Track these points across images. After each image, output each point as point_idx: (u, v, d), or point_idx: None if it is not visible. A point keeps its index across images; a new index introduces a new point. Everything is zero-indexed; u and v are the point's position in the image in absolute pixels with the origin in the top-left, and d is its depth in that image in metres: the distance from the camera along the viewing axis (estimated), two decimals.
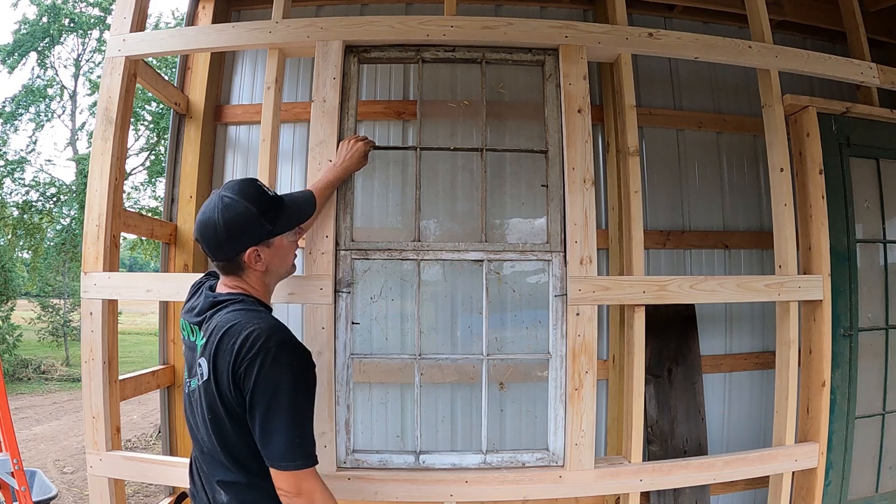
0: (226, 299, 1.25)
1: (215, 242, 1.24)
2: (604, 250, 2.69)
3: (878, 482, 2.23)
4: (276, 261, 1.32)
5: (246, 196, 1.26)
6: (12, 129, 11.69)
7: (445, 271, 2.59)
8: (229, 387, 1.14)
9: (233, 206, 1.24)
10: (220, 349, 1.15)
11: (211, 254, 1.27)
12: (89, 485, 1.87)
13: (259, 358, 1.12)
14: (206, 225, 1.24)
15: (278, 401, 1.12)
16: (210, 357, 1.17)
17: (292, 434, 1.12)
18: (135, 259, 20.59)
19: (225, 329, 1.17)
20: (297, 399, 1.14)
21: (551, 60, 1.93)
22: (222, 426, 1.18)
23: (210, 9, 2.74)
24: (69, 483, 4.90)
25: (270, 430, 1.12)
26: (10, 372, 10.14)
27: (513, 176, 2.65)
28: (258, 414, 1.12)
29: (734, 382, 2.78)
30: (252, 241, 1.26)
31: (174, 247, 2.66)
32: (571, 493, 1.80)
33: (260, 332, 1.14)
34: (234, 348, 1.14)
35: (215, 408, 1.17)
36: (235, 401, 1.15)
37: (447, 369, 2.58)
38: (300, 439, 1.14)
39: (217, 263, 1.29)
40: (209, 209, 1.25)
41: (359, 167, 1.79)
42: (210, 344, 1.18)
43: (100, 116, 1.92)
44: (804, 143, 2.07)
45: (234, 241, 1.24)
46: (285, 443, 1.12)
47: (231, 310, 1.21)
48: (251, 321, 1.17)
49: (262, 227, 1.27)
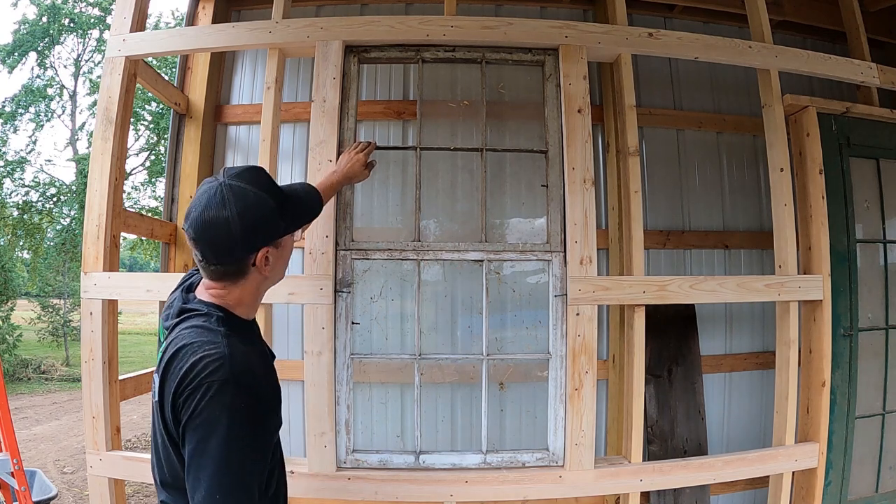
0: (193, 309, 1.07)
1: (226, 243, 1.02)
2: (604, 250, 2.69)
3: (878, 482, 2.23)
4: (280, 263, 1.14)
5: (259, 185, 1.06)
6: (12, 129, 11.69)
7: (445, 271, 2.59)
8: (171, 413, 0.99)
9: (249, 195, 1.03)
10: (168, 370, 1.01)
11: (213, 256, 1.03)
12: (89, 485, 1.88)
13: (199, 392, 0.95)
14: (213, 219, 1.00)
15: (207, 447, 0.94)
16: (160, 375, 1.03)
17: (214, 490, 0.93)
18: (135, 259, 20.58)
19: (176, 348, 1.01)
20: (230, 449, 0.94)
21: (551, 60, 1.93)
22: (167, 450, 1.04)
23: (210, 9, 2.74)
24: (69, 483, 4.90)
25: (196, 476, 0.94)
26: (10, 372, 10.14)
27: (513, 176, 2.65)
28: (187, 454, 0.96)
29: (734, 382, 2.78)
30: (266, 239, 1.06)
31: (174, 247, 2.66)
32: (571, 493, 1.81)
33: (208, 362, 0.97)
34: (178, 373, 0.98)
35: (162, 429, 1.03)
36: (174, 430, 1.00)
37: (447, 369, 2.58)
38: (221, 497, 0.93)
39: (216, 269, 1.05)
40: (213, 198, 1.02)
41: (360, 178, 1.76)
42: (163, 361, 1.03)
43: (100, 116, 1.92)
44: (804, 143, 2.07)
45: (247, 240, 1.03)
46: (204, 497, 0.93)
47: (190, 325, 1.04)
48: (203, 346, 0.99)
49: (278, 223, 1.08)
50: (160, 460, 1.07)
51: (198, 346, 0.99)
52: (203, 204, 1.02)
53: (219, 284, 1.08)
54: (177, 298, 1.15)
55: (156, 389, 1.04)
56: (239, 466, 0.95)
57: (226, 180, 1.04)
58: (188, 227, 1.03)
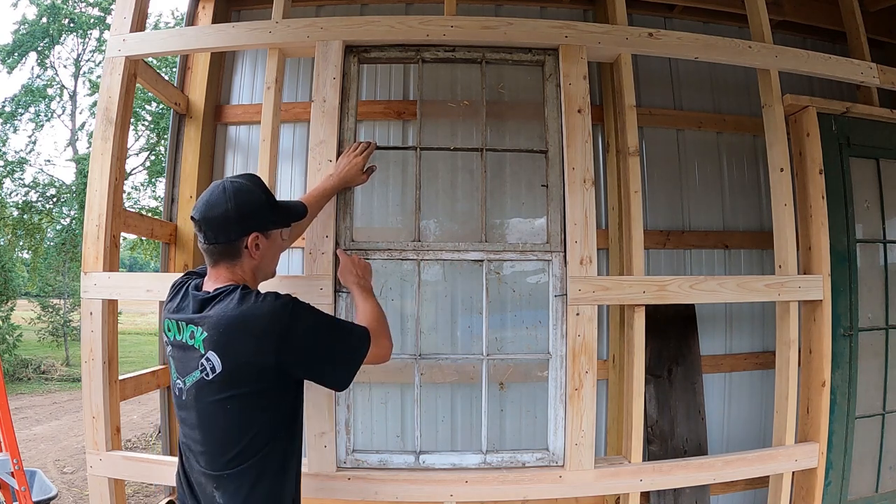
0: (221, 291, 1.24)
1: (223, 222, 1.24)
2: (604, 250, 2.69)
3: (878, 482, 2.23)
4: (269, 254, 1.34)
5: (256, 183, 1.33)
6: (12, 129, 11.69)
7: (445, 271, 2.59)
8: (257, 364, 1.17)
9: (244, 189, 1.28)
10: (233, 337, 1.17)
11: (213, 235, 1.25)
12: (89, 485, 1.87)
13: (284, 321, 1.19)
14: (214, 204, 1.24)
15: (323, 338, 1.24)
16: (221, 348, 1.17)
17: (349, 329, 1.33)
18: (135, 259, 20.58)
19: (234, 317, 1.17)
20: (333, 321, 1.33)
21: (551, 60, 1.93)
22: (231, 416, 1.19)
23: (210, 9, 2.74)
24: (69, 483, 4.90)
25: (340, 350, 1.28)
26: (10, 372, 10.14)
27: (513, 176, 2.65)
28: (315, 362, 1.25)
29: (734, 382, 2.78)
30: (257, 225, 1.28)
31: (174, 247, 2.66)
32: (571, 493, 1.80)
33: (268, 302, 1.20)
34: (253, 326, 1.17)
35: (227, 398, 1.18)
36: (270, 378, 1.19)
37: (447, 369, 2.58)
38: (352, 327, 1.34)
39: (214, 247, 1.26)
40: (216, 191, 1.26)
41: (357, 182, 1.78)
42: (219, 336, 1.17)
43: (100, 116, 1.92)
44: (804, 143, 2.07)
45: (241, 223, 1.25)
46: (358, 340, 1.31)
47: (230, 300, 1.21)
48: (257, 298, 1.21)
49: (268, 214, 1.31)
50: (211, 431, 1.21)
51: (253, 302, 1.20)
52: (208, 195, 1.27)
53: (221, 267, 1.28)
54: (188, 295, 1.29)
55: (215, 364, 1.17)
56: (339, 320, 1.37)
57: (228, 180, 1.30)
58: (195, 212, 1.26)
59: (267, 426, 1.22)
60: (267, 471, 1.22)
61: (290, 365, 1.21)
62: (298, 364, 1.22)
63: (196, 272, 1.44)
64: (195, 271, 1.45)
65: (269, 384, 1.20)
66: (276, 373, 1.20)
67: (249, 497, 1.21)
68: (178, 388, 1.26)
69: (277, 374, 1.20)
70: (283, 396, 1.25)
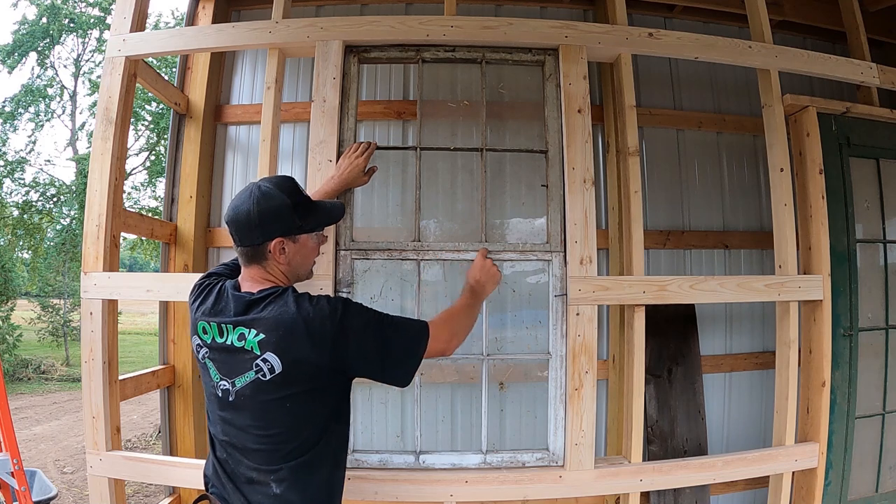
0: (268, 293, 1.26)
1: (246, 226, 1.27)
2: (604, 250, 2.69)
3: (878, 482, 2.23)
4: (298, 258, 1.35)
5: (282, 188, 1.31)
6: (12, 129, 11.68)
7: (445, 271, 2.59)
8: (313, 362, 1.21)
9: (269, 194, 1.28)
10: (293, 339, 1.20)
11: (239, 238, 1.29)
12: (89, 485, 1.87)
13: (339, 324, 1.23)
14: (241, 209, 1.28)
15: (372, 332, 1.27)
16: (281, 349, 1.20)
17: (404, 324, 1.35)
18: (135, 259, 20.59)
19: (293, 320, 1.21)
20: (381, 317, 1.32)
21: (551, 60, 1.93)
22: (290, 412, 1.23)
23: (210, 9, 2.74)
24: (69, 483, 4.89)
25: (394, 347, 1.30)
26: (10, 372, 10.13)
27: (513, 176, 2.65)
28: (371, 355, 1.27)
29: (734, 382, 2.78)
30: (281, 231, 1.29)
31: (174, 247, 2.66)
32: (571, 493, 1.80)
33: (324, 302, 1.25)
34: (314, 329, 1.21)
35: (286, 396, 1.22)
36: (326, 375, 1.24)
37: (447, 369, 2.58)
38: (407, 323, 1.37)
39: (242, 249, 1.31)
40: (245, 195, 1.29)
41: (358, 183, 1.78)
42: (278, 338, 1.20)
43: (100, 116, 1.92)
44: (804, 143, 2.07)
45: (264, 228, 1.27)
46: (415, 335, 1.34)
47: (284, 302, 1.24)
48: (310, 300, 1.25)
49: (293, 220, 1.30)
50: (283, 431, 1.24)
51: (308, 304, 1.24)
52: (237, 198, 1.31)
53: (253, 268, 1.31)
54: (228, 296, 1.30)
55: (274, 365, 1.20)
56: (391, 317, 1.34)
57: (259, 182, 1.32)
58: (225, 214, 1.32)
59: (323, 419, 1.27)
60: (324, 461, 1.29)
61: (345, 364, 1.25)
62: (353, 363, 1.26)
63: (217, 272, 1.45)
64: (215, 272, 1.46)
65: (326, 381, 1.26)
66: (332, 371, 1.24)
67: (309, 486, 1.26)
68: (221, 389, 1.27)
69: (333, 371, 1.25)
70: (338, 391, 1.31)
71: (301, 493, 1.25)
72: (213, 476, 1.34)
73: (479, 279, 1.64)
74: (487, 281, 1.65)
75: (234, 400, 1.25)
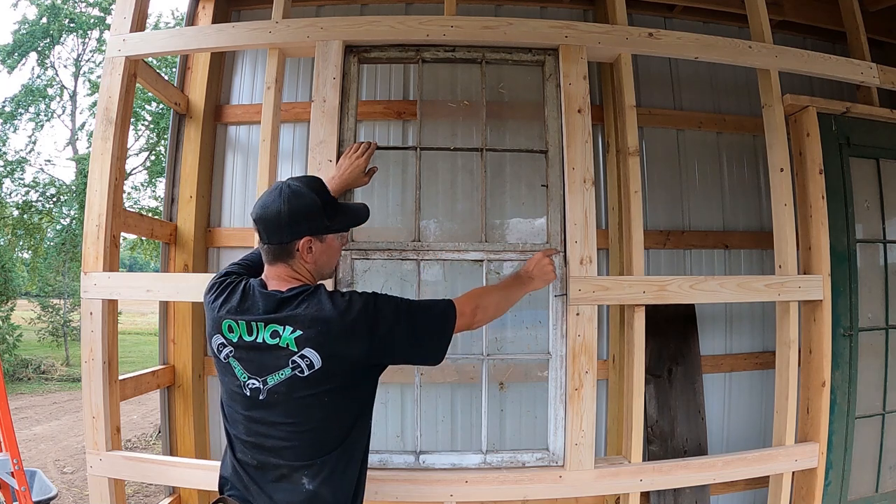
0: (300, 291, 1.27)
1: (275, 224, 1.27)
2: (604, 250, 2.69)
3: (878, 482, 2.23)
4: (324, 257, 1.35)
5: (312, 187, 1.32)
6: (12, 129, 11.69)
7: (445, 271, 2.59)
8: (354, 361, 1.24)
9: (300, 193, 1.29)
10: (334, 335, 1.22)
11: (267, 235, 1.29)
12: (89, 485, 1.87)
13: (374, 315, 1.26)
14: (270, 206, 1.27)
15: (403, 320, 1.29)
16: (321, 345, 1.21)
17: (431, 305, 1.38)
18: (135, 259, 20.59)
19: (332, 316, 1.23)
20: (406, 302, 1.34)
21: (551, 60, 1.93)
22: (326, 407, 1.25)
23: (210, 9, 2.74)
24: (69, 483, 4.89)
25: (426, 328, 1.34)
26: (10, 372, 10.12)
27: (513, 176, 2.65)
28: (405, 343, 1.30)
29: (734, 382, 2.78)
30: (310, 230, 1.29)
31: (174, 247, 2.65)
32: (571, 493, 1.81)
33: (355, 296, 1.28)
34: (351, 323, 1.23)
35: (323, 391, 1.23)
36: (362, 368, 1.27)
37: (447, 369, 2.58)
38: (433, 303, 1.38)
39: (269, 247, 1.30)
40: (273, 193, 1.29)
41: (358, 184, 1.78)
42: (317, 334, 1.21)
43: (100, 116, 1.92)
44: (804, 143, 2.07)
45: (293, 226, 1.27)
46: (441, 313, 1.37)
47: (318, 299, 1.25)
48: (343, 299, 1.27)
49: (322, 219, 1.31)
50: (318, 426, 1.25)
51: (342, 300, 1.26)
52: (265, 195, 1.31)
53: (279, 266, 1.31)
54: (256, 294, 1.29)
55: (313, 360, 1.21)
56: (416, 302, 1.36)
57: (287, 181, 1.32)
58: (253, 211, 1.32)
59: (355, 413, 1.30)
60: (354, 455, 1.31)
61: (382, 353, 1.28)
62: (390, 349, 1.29)
63: (233, 271, 1.43)
64: (232, 270, 1.44)
65: (361, 375, 1.28)
66: (367, 363, 1.28)
67: (341, 481, 1.28)
68: (250, 388, 1.25)
69: (368, 364, 1.28)
70: (370, 385, 1.34)
71: (333, 488, 1.26)
72: (233, 477, 1.30)
73: (529, 270, 1.64)
74: (538, 276, 1.64)
75: (265, 398, 1.24)
